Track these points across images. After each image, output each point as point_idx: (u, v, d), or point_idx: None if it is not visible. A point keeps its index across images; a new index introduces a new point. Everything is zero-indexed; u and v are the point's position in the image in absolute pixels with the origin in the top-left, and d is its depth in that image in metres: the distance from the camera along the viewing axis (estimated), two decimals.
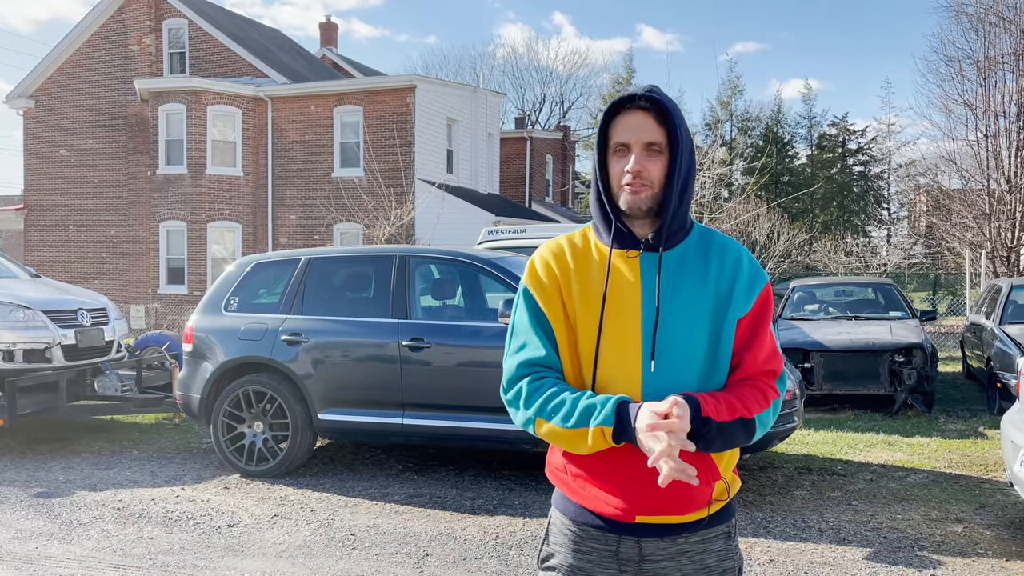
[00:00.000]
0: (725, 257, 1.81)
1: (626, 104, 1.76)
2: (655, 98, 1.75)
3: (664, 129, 1.75)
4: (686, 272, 1.79)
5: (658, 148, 1.75)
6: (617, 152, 1.77)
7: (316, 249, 6.83)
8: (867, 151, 40.71)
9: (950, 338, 15.50)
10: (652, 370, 1.72)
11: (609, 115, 1.78)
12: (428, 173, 20.56)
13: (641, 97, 1.75)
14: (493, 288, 6.39)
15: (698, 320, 1.75)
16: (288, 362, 6.20)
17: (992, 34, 19.55)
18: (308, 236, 20.84)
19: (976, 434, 7.77)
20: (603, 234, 1.83)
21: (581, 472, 1.79)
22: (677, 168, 1.75)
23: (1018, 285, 10.35)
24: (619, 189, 1.77)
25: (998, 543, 4.79)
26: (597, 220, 1.84)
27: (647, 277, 1.78)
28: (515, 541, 4.85)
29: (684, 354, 1.73)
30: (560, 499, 1.88)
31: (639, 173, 1.74)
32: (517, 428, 5.66)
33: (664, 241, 1.78)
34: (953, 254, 20.60)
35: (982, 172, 18.55)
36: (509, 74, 60.05)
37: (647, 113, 1.75)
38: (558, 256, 1.86)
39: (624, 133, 1.75)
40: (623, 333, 1.75)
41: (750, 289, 1.79)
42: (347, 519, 5.30)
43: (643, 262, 1.79)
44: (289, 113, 20.94)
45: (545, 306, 1.83)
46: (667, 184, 1.76)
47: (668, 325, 1.74)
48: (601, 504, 1.77)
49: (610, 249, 1.80)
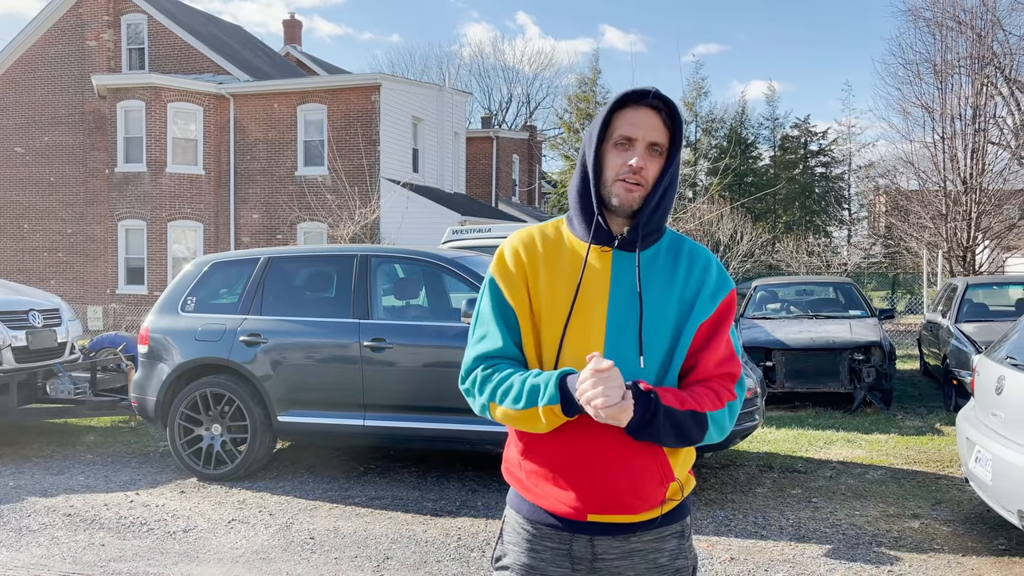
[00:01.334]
0: (694, 263, 1.80)
1: (635, 99, 1.74)
2: (666, 99, 1.73)
3: (668, 133, 1.74)
4: (655, 273, 1.77)
5: (659, 150, 1.74)
6: (619, 145, 1.74)
7: (275, 248, 6.73)
8: (828, 152, 41.37)
9: (908, 336, 15.79)
10: (642, 366, 1.71)
11: (615, 106, 1.75)
12: (393, 172, 20.43)
13: (654, 96, 1.73)
14: (456, 288, 6.34)
15: (664, 320, 1.74)
16: (247, 363, 6.09)
17: (949, 38, 19.95)
18: (271, 235, 20.58)
19: (933, 431, 7.90)
20: (579, 227, 1.81)
21: (535, 469, 1.77)
22: (669, 172, 1.74)
23: (973, 284, 10.56)
24: (613, 183, 1.74)
25: (954, 539, 4.86)
26: (575, 212, 1.81)
27: (618, 274, 1.76)
28: (477, 543, 4.81)
29: (652, 354, 1.72)
30: (514, 498, 1.86)
31: (640, 170, 1.71)
32: (480, 429, 5.67)
33: (640, 239, 1.76)
34: (911, 254, 20.99)
35: (939, 173, 18.91)
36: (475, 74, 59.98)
37: (656, 113, 1.74)
38: (528, 246, 1.83)
39: (630, 127, 1.72)
40: (587, 328, 1.73)
41: (715, 295, 1.78)
42: (307, 522, 5.22)
43: (615, 259, 1.77)
44: (252, 111, 20.66)
45: (510, 296, 1.80)
46: (654, 186, 1.74)
47: (646, 323, 1.73)
48: (554, 502, 1.75)
49: (588, 244, 1.77)
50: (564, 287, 1.76)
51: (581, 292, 1.74)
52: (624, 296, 1.74)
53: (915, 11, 22.10)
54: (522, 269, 1.81)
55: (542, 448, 1.75)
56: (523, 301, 1.79)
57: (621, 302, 1.73)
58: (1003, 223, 18.69)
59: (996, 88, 20.71)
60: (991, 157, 19.03)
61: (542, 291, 1.78)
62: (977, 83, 18.91)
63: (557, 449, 1.73)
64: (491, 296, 1.83)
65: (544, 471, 1.76)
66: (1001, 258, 19.58)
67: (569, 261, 1.79)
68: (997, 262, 19.20)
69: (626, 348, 1.71)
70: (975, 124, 18.79)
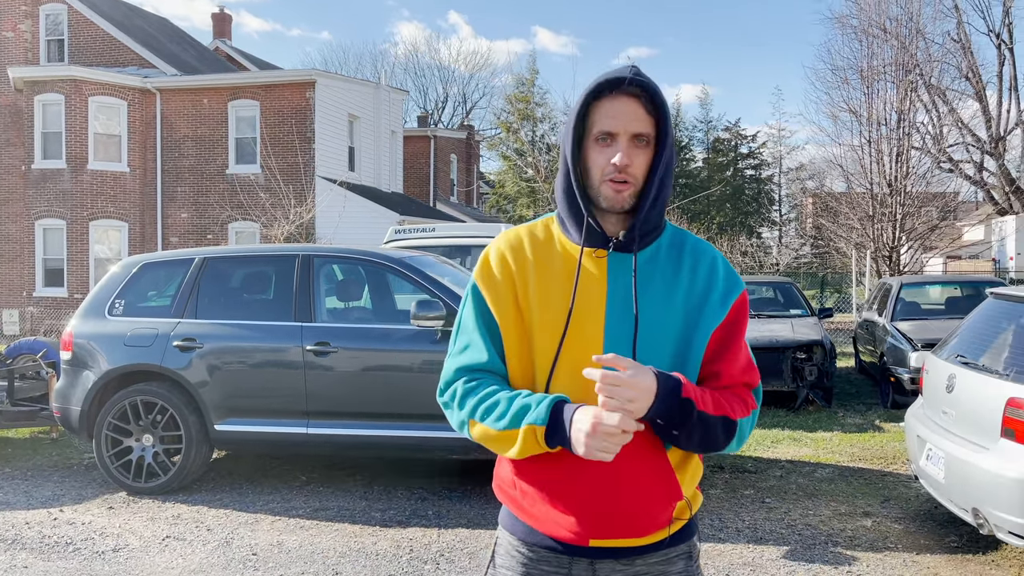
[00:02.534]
0: (699, 262, 1.65)
1: (611, 87, 1.56)
2: (645, 83, 1.55)
3: (652, 119, 1.56)
4: (656, 275, 1.62)
5: (645, 140, 1.56)
6: (600, 141, 1.57)
7: (212, 248, 6.40)
8: (758, 155, 42.35)
9: (839, 334, 16.17)
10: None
11: (590, 97, 1.57)
12: (329, 171, 19.97)
13: (630, 82, 1.54)
14: (403, 289, 6.13)
15: (667, 327, 1.59)
16: (181, 369, 5.76)
17: (875, 45, 20.59)
18: (201, 235, 19.88)
19: (873, 427, 8.03)
20: (571, 230, 1.64)
21: (532, 489, 1.62)
22: (660, 163, 1.57)
23: (907, 283, 10.84)
24: (600, 183, 1.58)
25: (906, 536, 4.89)
26: (565, 214, 1.65)
27: (614, 279, 1.60)
28: (430, 554, 4.62)
29: (656, 364, 1.55)
30: (508, 518, 1.70)
31: (626, 167, 1.54)
32: (430, 435, 5.47)
33: (638, 240, 1.60)
34: (840, 254, 21.57)
35: (866, 176, 19.48)
36: (411, 73, 59.42)
37: (635, 100, 1.55)
38: (516, 250, 1.67)
39: (609, 121, 1.55)
40: (584, 340, 1.57)
41: (725, 297, 1.63)
42: (248, 537, 4.93)
43: (611, 262, 1.61)
44: (180, 106, 19.91)
45: (494, 305, 1.64)
46: (647, 180, 1.58)
47: (644, 331, 1.58)
48: (552, 526, 1.60)
49: (581, 248, 1.61)
50: (557, 296, 1.60)
51: (577, 301, 1.58)
52: (622, 303, 1.59)
53: (842, 18, 22.77)
54: (509, 276, 1.65)
55: (538, 466, 1.60)
56: (508, 312, 1.63)
57: (619, 310, 1.58)
58: (925, 224, 19.36)
59: (918, 95, 21.45)
60: (914, 161, 19.69)
61: (533, 300, 1.62)
62: (901, 89, 19.55)
63: (555, 467, 1.58)
64: (474, 305, 1.67)
65: (541, 492, 1.60)
66: (923, 258, 20.27)
67: (562, 266, 1.63)
68: (920, 262, 19.88)
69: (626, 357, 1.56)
70: (899, 129, 19.41)
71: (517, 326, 1.62)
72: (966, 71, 24.40)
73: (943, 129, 23.23)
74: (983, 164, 25.27)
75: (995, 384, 4.29)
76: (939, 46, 23.47)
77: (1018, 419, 4.04)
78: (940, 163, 22.54)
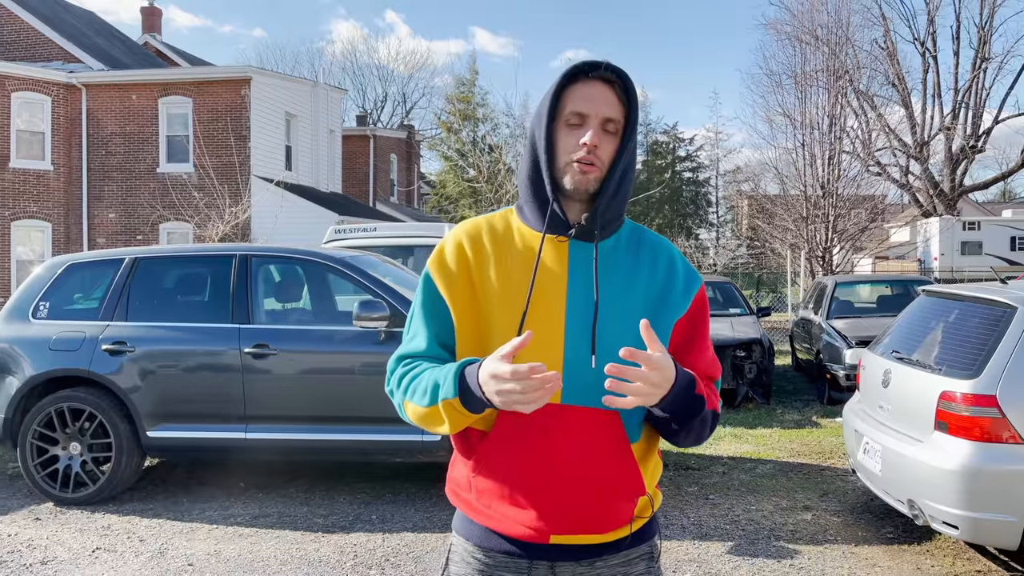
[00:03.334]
0: (658, 255, 1.64)
1: (586, 72, 1.56)
2: (619, 71, 1.56)
3: (623, 108, 1.57)
4: (616, 266, 1.60)
5: (615, 127, 1.56)
6: (570, 124, 1.56)
7: (143, 248, 6.16)
8: (696, 158, 43.13)
9: (775, 333, 16.53)
10: (594, 366, 1.52)
11: (565, 80, 1.57)
12: (265, 170, 19.56)
13: (607, 67, 1.55)
14: (345, 289, 6.00)
15: (629, 316, 1.56)
16: (111, 374, 5.52)
17: (807, 51, 21.18)
18: (130, 236, 19.24)
19: (811, 423, 8.21)
20: (531, 216, 1.62)
21: (489, 487, 1.57)
22: (625, 152, 1.57)
23: (842, 282, 11.14)
24: (566, 165, 1.56)
25: (845, 529, 5.00)
26: (527, 200, 1.62)
27: (575, 266, 1.57)
28: (375, 560, 4.52)
29: (615, 354, 1.52)
30: (462, 522, 1.65)
31: (594, 148, 1.53)
32: (373, 439, 5.36)
33: (600, 229, 1.58)
34: (775, 254, 22.13)
35: (799, 179, 20.01)
36: (349, 72, 58.63)
37: (609, 86, 1.56)
38: (474, 238, 1.63)
39: (583, 103, 1.55)
40: (544, 326, 1.53)
41: (686, 290, 1.63)
42: (183, 547, 4.75)
43: (572, 249, 1.59)
44: (107, 102, 19.25)
45: (445, 291, 1.60)
46: (611, 168, 1.57)
47: (605, 320, 1.55)
48: (511, 524, 1.55)
49: (543, 234, 1.58)
50: (517, 282, 1.57)
51: (536, 287, 1.55)
52: (583, 290, 1.56)
53: (776, 25, 23.37)
54: (465, 263, 1.61)
55: (497, 463, 1.55)
56: (462, 296, 1.59)
57: (579, 297, 1.56)
58: (856, 226, 19.98)
59: (848, 100, 22.14)
60: (845, 165, 20.32)
61: (491, 287, 1.58)
62: (832, 95, 20.13)
63: (514, 463, 1.53)
64: (423, 292, 1.64)
65: (499, 489, 1.55)
66: (854, 258, 20.92)
67: (521, 254, 1.60)
68: (851, 262, 20.50)
69: (586, 347, 1.53)
70: (831, 133, 20.01)
71: (471, 311, 1.59)
72: (893, 78, 25.30)
73: (872, 134, 24.03)
74: (908, 168, 26.24)
75: (928, 379, 4.41)
76: (867, 53, 24.29)
77: (950, 412, 4.16)
78: (869, 167, 23.30)
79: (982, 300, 4.58)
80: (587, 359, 1.52)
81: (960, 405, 4.11)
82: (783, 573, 4.31)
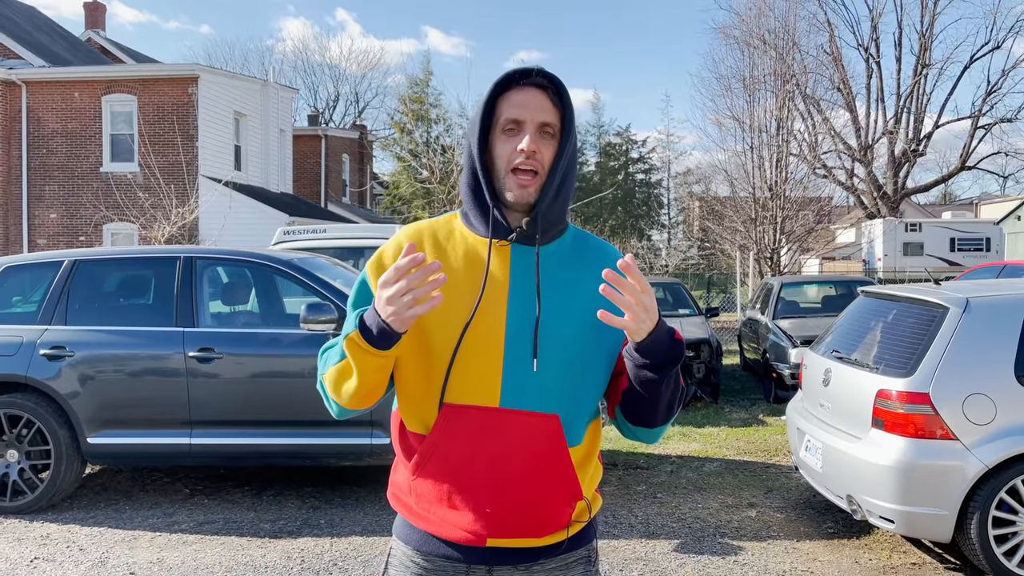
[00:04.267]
0: (604, 261, 1.65)
1: (520, 79, 1.57)
2: (552, 76, 1.58)
3: (558, 112, 1.58)
4: (562, 271, 1.61)
5: (551, 131, 1.57)
6: (507, 131, 1.57)
7: (83, 250, 6.01)
8: (648, 160, 43.58)
9: (724, 333, 16.79)
10: (535, 370, 1.53)
11: (499, 88, 1.58)
12: (214, 170, 19.22)
13: (538, 72, 1.57)
14: (292, 292, 5.94)
15: (573, 321, 1.57)
16: (49, 380, 5.38)
17: (755, 56, 21.57)
18: (73, 237, 18.74)
19: (757, 422, 8.37)
20: (476, 223, 1.63)
21: (428, 490, 1.57)
22: (564, 155, 1.58)
23: (787, 283, 11.37)
24: (506, 174, 1.57)
25: (788, 525, 5.11)
26: (470, 208, 1.63)
27: (517, 270, 1.58)
28: (323, 564, 4.48)
29: (557, 358, 1.55)
30: (402, 527, 1.65)
31: (533, 154, 1.54)
32: (322, 442, 5.32)
33: (541, 233, 1.59)
34: (725, 255, 22.46)
35: (748, 181, 20.36)
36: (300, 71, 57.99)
37: (542, 91, 1.58)
38: (414, 240, 1.64)
39: (517, 109, 1.56)
40: (485, 332, 1.54)
41: None
42: (125, 556, 4.65)
43: (514, 254, 1.60)
44: (48, 100, 18.73)
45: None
46: (550, 171, 1.58)
47: (547, 324, 1.56)
48: (449, 528, 1.56)
49: (490, 241, 1.59)
50: (458, 286, 1.57)
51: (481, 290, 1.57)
52: (524, 295, 1.57)
53: (725, 29, 23.77)
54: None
55: (435, 466, 1.55)
56: None
57: (520, 301, 1.57)
58: (803, 227, 20.40)
59: (795, 104, 22.62)
60: (793, 167, 20.74)
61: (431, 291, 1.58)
62: (780, 98, 20.54)
63: (453, 466, 1.54)
64: (357, 292, 1.64)
65: (438, 492, 1.56)
66: (801, 259, 21.37)
67: (464, 256, 1.61)
68: (798, 263, 20.93)
69: (526, 351, 1.54)
70: (779, 136, 20.40)
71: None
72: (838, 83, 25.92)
73: (818, 137, 24.60)
74: (853, 171, 26.91)
75: (866, 377, 4.54)
76: (814, 58, 24.85)
77: (886, 410, 4.28)
78: (815, 169, 23.84)
79: (917, 301, 4.72)
80: (528, 363, 1.53)
81: (895, 403, 4.24)
82: (727, 570, 4.39)
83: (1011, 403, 4.12)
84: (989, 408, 4.11)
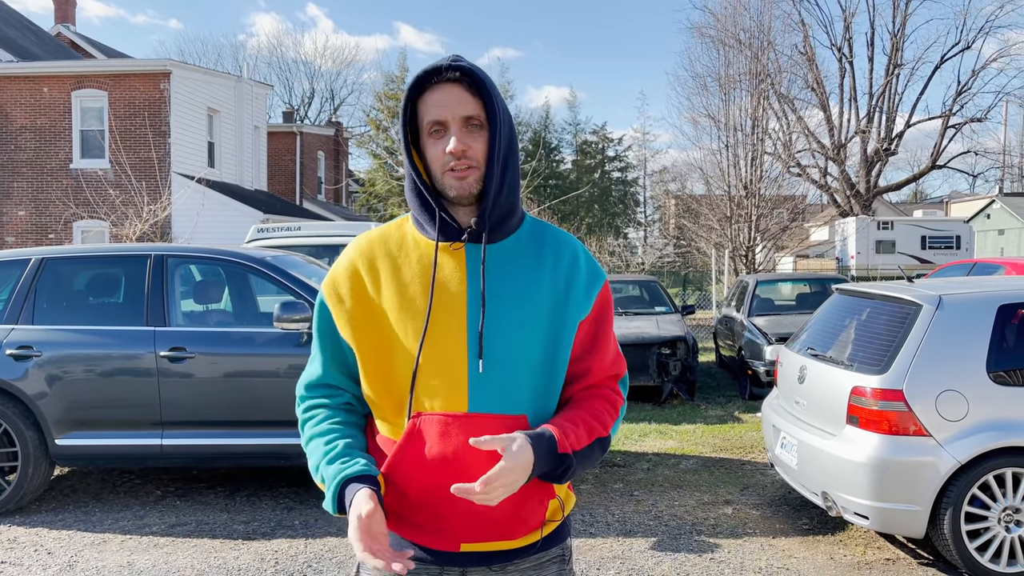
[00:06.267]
0: (560, 252, 1.62)
1: (432, 78, 1.51)
2: (464, 67, 1.51)
3: (480, 101, 1.52)
4: (518, 266, 1.58)
5: (478, 122, 1.52)
6: (433, 133, 1.52)
7: (51, 248, 5.89)
8: (624, 158, 43.72)
9: (700, 330, 16.88)
10: (480, 371, 1.50)
11: (414, 92, 1.53)
12: (186, 167, 18.99)
13: (449, 68, 1.51)
14: (266, 290, 5.86)
15: (532, 319, 1.54)
16: (16, 380, 5.27)
17: (731, 55, 21.69)
18: (42, 235, 18.42)
19: (733, 419, 8.41)
20: (425, 226, 1.58)
21: (399, 494, 1.55)
22: (497, 144, 1.52)
23: (763, 281, 11.44)
24: (443, 175, 1.53)
25: (763, 522, 5.13)
26: (417, 212, 1.59)
27: (474, 271, 1.55)
28: (297, 566, 4.43)
29: (518, 357, 1.52)
30: None
31: (464, 152, 1.50)
32: (296, 442, 5.24)
33: (490, 229, 1.55)
34: (701, 253, 22.58)
35: (723, 179, 20.49)
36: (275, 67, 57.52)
37: (458, 85, 1.51)
38: (368, 258, 1.60)
39: (437, 110, 1.51)
40: (447, 337, 1.51)
41: (589, 288, 1.61)
42: (94, 559, 4.57)
43: (469, 253, 1.56)
44: (16, 95, 18.39)
45: (339, 318, 1.59)
46: (488, 163, 1.53)
47: (498, 323, 1.52)
48: (421, 533, 1.54)
49: (436, 244, 1.55)
50: (415, 295, 1.54)
51: (436, 297, 1.53)
52: (480, 297, 1.54)
53: (701, 28, 23.89)
54: (359, 288, 1.58)
55: (407, 472, 1.53)
56: (359, 324, 1.57)
57: (479, 304, 1.53)
58: (777, 225, 20.57)
59: (769, 103, 22.78)
60: (767, 166, 20.90)
61: (389, 304, 1.55)
62: (754, 97, 20.67)
63: (424, 471, 1.51)
64: (318, 318, 1.64)
65: (409, 497, 1.54)
66: (776, 257, 21.54)
67: (417, 264, 1.57)
68: (773, 260, 21.10)
69: (489, 354, 1.52)
70: (754, 135, 20.54)
71: (370, 335, 1.57)
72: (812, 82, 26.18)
73: (792, 136, 24.81)
74: (827, 169, 27.20)
75: (841, 374, 4.56)
76: (788, 58, 25.07)
77: (861, 406, 4.31)
78: (789, 168, 24.05)
79: (890, 298, 4.76)
80: (493, 367, 1.50)
81: (870, 400, 4.27)
82: (704, 567, 4.39)
83: (983, 400, 4.16)
84: (961, 404, 4.15)
